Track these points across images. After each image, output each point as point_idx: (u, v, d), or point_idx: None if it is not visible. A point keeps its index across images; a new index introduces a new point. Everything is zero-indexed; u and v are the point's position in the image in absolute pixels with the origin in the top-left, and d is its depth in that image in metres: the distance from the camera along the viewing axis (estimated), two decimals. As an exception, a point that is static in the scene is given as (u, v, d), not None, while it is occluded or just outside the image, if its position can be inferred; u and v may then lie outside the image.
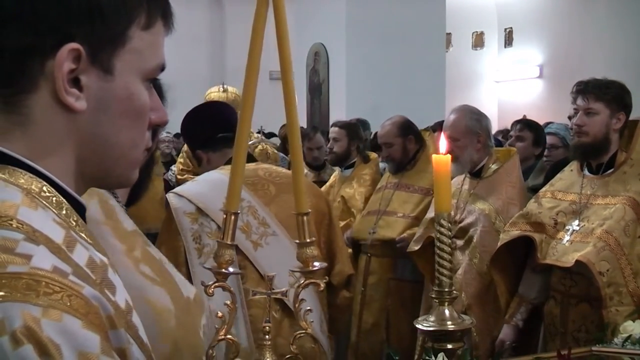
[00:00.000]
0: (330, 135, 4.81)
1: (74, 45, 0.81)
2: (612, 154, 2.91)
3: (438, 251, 1.68)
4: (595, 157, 2.95)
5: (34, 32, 0.80)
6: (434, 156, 1.70)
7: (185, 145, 5.06)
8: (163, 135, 7.56)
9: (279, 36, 1.50)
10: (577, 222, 2.89)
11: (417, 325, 1.69)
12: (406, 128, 4.15)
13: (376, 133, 4.83)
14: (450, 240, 1.71)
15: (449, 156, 1.70)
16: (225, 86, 6.05)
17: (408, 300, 3.98)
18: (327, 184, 4.83)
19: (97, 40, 0.83)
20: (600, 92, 2.89)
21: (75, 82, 0.83)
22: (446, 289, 1.66)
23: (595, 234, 2.75)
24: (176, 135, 8.20)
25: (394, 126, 4.15)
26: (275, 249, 2.50)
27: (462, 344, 1.68)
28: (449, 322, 1.63)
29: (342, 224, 4.47)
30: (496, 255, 3.06)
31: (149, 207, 3.49)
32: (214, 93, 5.87)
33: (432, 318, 1.65)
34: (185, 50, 11.40)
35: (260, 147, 5.15)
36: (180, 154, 5.44)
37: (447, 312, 1.65)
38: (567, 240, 2.86)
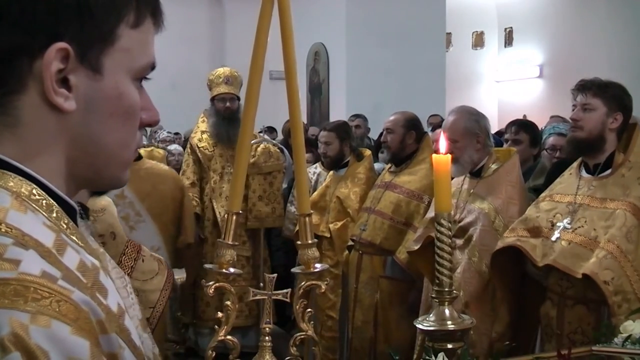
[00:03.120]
0: (321, 139, 4.80)
1: (62, 44, 0.79)
2: (608, 155, 2.90)
3: (438, 251, 1.67)
4: (589, 153, 2.94)
5: (22, 32, 0.78)
6: (434, 156, 1.70)
7: None
8: (164, 134, 7.55)
9: (283, 39, 1.49)
10: (568, 219, 2.88)
11: (417, 325, 1.69)
12: (412, 123, 4.25)
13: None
14: (450, 240, 1.70)
15: (449, 156, 1.68)
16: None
17: (397, 298, 4.03)
18: (323, 184, 4.83)
19: (86, 39, 0.81)
20: (599, 89, 2.89)
21: (64, 82, 0.81)
22: (446, 289, 1.65)
23: (599, 244, 2.73)
24: (176, 135, 8.20)
25: (403, 116, 4.28)
26: (144, 231, 3.90)
27: (462, 343, 1.67)
28: (449, 322, 1.62)
29: (338, 224, 4.50)
30: (494, 262, 3.06)
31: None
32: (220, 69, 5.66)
33: (432, 318, 1.65)
34: (185, 50, 11.39)
35: (262, 145, 5.16)
36: None
37: (447, 311, 1.64)
38: (557, 237, 2.85)
